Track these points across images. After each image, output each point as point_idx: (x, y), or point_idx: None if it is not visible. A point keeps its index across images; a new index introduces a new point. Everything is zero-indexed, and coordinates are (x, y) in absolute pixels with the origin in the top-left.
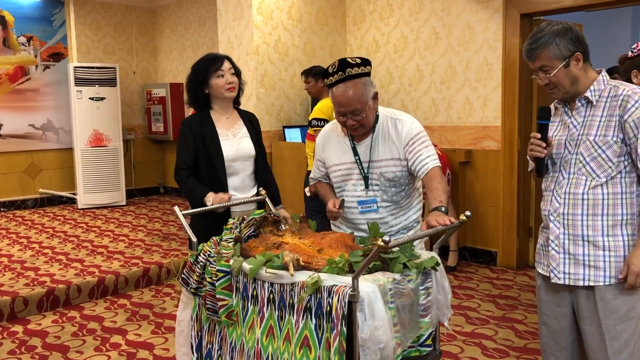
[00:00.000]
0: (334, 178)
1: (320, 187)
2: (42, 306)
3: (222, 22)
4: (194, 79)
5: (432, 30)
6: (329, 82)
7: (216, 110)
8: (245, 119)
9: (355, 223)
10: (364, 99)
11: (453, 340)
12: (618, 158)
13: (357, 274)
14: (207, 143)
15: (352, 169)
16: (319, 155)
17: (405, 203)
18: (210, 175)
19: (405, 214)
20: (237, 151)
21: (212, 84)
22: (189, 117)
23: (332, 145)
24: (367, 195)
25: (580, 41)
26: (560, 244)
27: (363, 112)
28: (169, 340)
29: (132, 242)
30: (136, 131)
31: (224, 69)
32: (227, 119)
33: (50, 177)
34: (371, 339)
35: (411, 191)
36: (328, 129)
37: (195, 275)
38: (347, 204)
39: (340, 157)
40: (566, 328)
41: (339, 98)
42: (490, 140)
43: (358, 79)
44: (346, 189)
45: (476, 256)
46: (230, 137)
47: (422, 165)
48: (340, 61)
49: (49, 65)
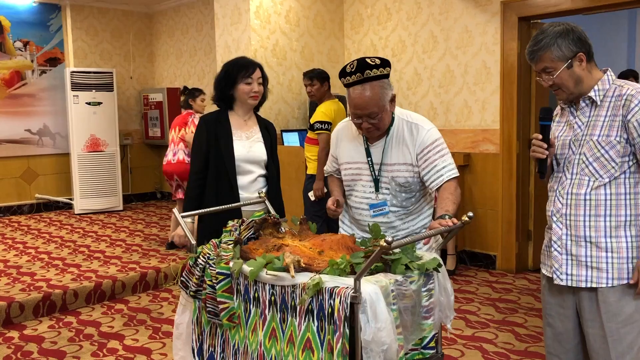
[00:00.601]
0: (344, 176)
1: (331, 181)
2: (39, 311)
3: (219, 26)
4: (224, 79)
5: (430, 34)
6: (346, 81)
7: (236, 112)
8: (262, 126)
9: (364, 225)
10: (382, 102)
11: (453, 344)
12: (622, 158)
13: (359, 274)
14: (220, 141)
15: (362, 170)
16: (333, 150)
17: (415, 209)
18: (220, 173)
19: (414, 220)
20: (248, 153)
21: (239, 88)
22: (208, 114)
23: (345, 142)
24: (377, 198)
25: (582, 41)
26: (562, 244)
27: (379, 115)
28: (167, 345)
29: (129, 247)
30: (133, 136)
31: (254, 77)
32: (245, 122)
33: (46, 182)
34: (374, 341)
35: (421, 197)
36: (344, 125)
37: (194, 278)
38: (357, 204)
39: (353, 156)
40: (570, 330)
41: (356, 100)
42: (488, 144)
43: (377, 81)
44: (356, 189)
45: (475, 260)
46: (244, 139)
47: (436, 177)
48: (359, 61)
49: (45, 70)
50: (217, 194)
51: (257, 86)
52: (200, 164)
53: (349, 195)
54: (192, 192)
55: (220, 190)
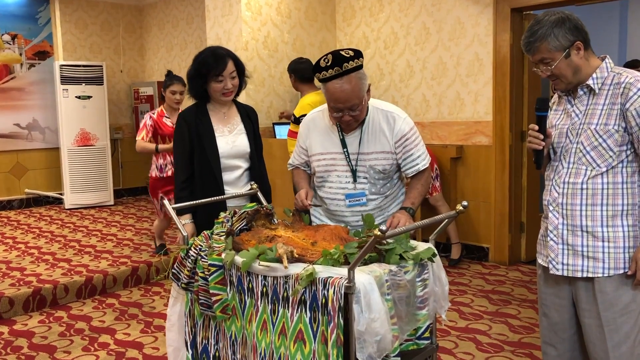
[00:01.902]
0: (316, 167)
1: (296, 174)
2: (29, 306)
3: (210, 18)
4: (195, 76)
5: (423, 25)
6: (322, 76)
7: (213, 105)
8: (243, 114)
9: (339, 216)
10: (361, 93)
11: (447, 336)
12: (619, 147)
13: (353, 264)
14: (203, 138)
15: (337, 160)
16: (302, 142)
17: (392, 193)
18: (204, 170)
19: (389, 206)
20: (232, 148)
21: (211, 86)
22: (186, 109)
23: (318, 133)
24: (355, 188)
25: (579, 29)
26: (558, 234)
27: (360, 106)
28: (159, 339)
29: (121, 242)
30: (123, 130)
31: (225, 74)
32: (224, 114)
33: (36, 177)
34: (368, 332)
35: (397, 181)
36: (314, 116)
37: (185, 270)
38: (332, 195)
39: (326, 147)
40: (566, 320)
41: (336, 94)
42: (481, 136)
43: (354, 72)
44: (329, 180)
45: (468, 252)
46: (226, 134)
47: (412, 166)
48: (334, 55)
49: (34, 63)
50: (203, 193)
51: (230, 81)
52: (186, 163)
53: (321, 186)
54: (182, 193)
55: (207, 189)
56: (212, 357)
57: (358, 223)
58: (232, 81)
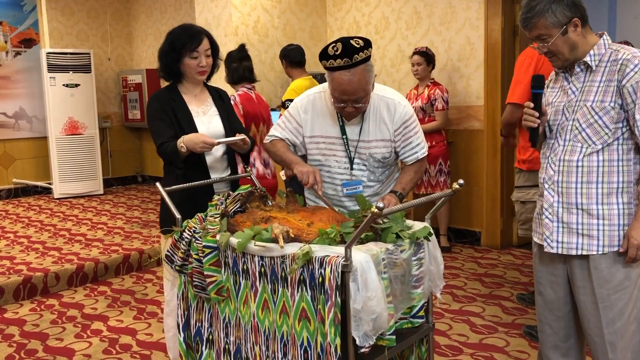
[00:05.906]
0: (313, 149)
1: (280, 146)
2: (19, 295)
3: (199, 3)
4: (169, 52)
5: (414, 10)
6: (330, 65)
7: (185, 87)
8: (215, 96)
9: (336, 200)
10: (368, 86)
11: (441, 318)
12: (615, 124)
13: (350, 243)
14: (181, 120)
15: (337, 145)
16: (297, 116)
17: (388, 181)
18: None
19: (385, 192)
20: (207, 129)
21: (185, 62)
22: (157, 92)
23: (318, 114)
24: (351, 176)
25: (577, 6)
26: (554, 212)
27: (365, 98)
28: (152, 326)
29: (111, 230)
30: (112, 119)
31: (200, 50)
32: (196, 97)
33: (24, 166)
34: (364, 310)
35: (394, 168)
36: (316, 96)
37: (180, 252)
38: (331, 180)
39: (327, 130)
40: (561, 298)
41: (343, 86)
42: (473, 120)
43: (363, 64)
44: (327, 164)
45: (460, 236)
46: (201, 115)
47: (411, 154)
48: (345, 44)
49: (20, 51)
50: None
51: (205, 59)
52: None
53: (319, 169)
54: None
55: (191, 173)
56: (206, 339)
57: (355, 208)
58: (206, 59)
